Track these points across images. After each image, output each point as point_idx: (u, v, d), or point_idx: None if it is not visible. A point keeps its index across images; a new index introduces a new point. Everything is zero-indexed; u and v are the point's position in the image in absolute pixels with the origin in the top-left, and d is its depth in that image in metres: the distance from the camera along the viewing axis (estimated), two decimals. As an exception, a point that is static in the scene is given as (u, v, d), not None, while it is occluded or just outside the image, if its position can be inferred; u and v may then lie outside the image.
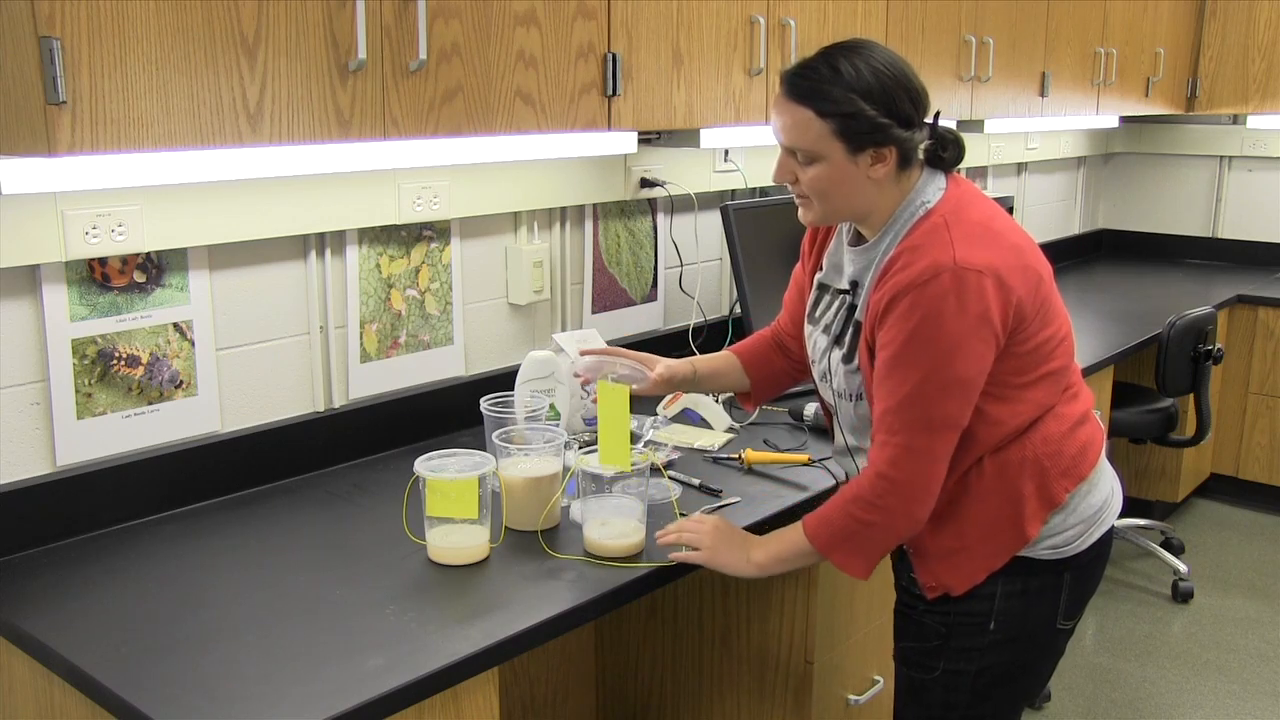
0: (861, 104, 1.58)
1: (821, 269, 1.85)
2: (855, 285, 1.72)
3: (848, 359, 1.73)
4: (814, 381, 1.87)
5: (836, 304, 1.77)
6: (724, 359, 2.04)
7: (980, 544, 1.69)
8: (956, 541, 1.69)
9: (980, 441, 1.65)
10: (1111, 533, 1.79)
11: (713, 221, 2.98)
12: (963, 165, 3.85)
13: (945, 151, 1.68)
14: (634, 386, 1.94)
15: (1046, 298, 1.64)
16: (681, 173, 2.81)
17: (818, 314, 1.82)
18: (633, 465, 1.80)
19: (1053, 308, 1.66)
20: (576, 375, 2.00)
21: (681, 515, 1.90)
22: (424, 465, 1.72)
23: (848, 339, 1.73)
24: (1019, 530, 1.67)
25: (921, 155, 1.69)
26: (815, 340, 1.82)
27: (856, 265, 1.72)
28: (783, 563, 1.73)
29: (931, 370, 1.56)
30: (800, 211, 1.72)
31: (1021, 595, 1.71)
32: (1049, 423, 1.67)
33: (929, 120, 1.67)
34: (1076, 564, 1.72)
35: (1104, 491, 1.75)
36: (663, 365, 1.96)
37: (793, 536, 1.71)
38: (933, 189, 1.66)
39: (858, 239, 1.75)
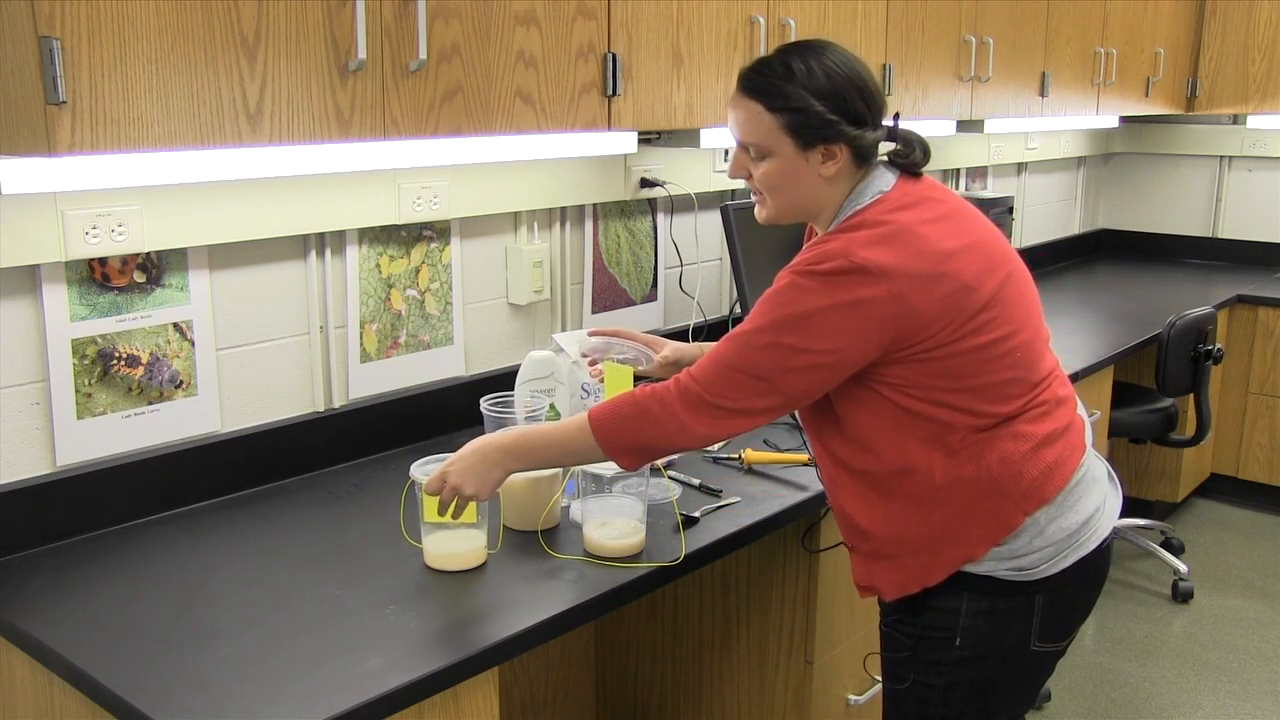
0: (811, 100, 1.59)
1: None
2: None
3: None
4: None
5: None
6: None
7: (918, 555, 1.66)
8: (895, 547, 1.67)
9: (907, 435, 1.61)
10: (1100, 555, 1.71)
11: (713, 221, 2.98)
12: (963, 165, 3.84)
13: (911, 153, 1.67)
14: (639, 368, 1.96)
15: (978, 307, 1.56)
16: (681, 173, 2.82)
17: None
18: None
19: (994, 317, 1.58)
20: (584, 355, 2.01)
21: (681, 516, 1.91)
22: (420, 470, 1.71)
23: None
24: (964, 549, 1.64)
25: (884, 157, 1.68)
26: None
27: None
28: (541, 462, 1.70)
29: (769, 324, 1.56)
30: (756, 208, 1.73)
31: (988, 614, 1.67)
32: (1007, 442, 1.62)
33: (888, 123, 1.67)
34: (1049, 587, 1.66)
35: (1082, 513, 1.67)
36: (669, 348, 1.97)
37: (566, 430, 1.67)
38: (871, 191, 1.64)
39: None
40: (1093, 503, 1.70)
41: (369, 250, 2.21)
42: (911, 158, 1.68)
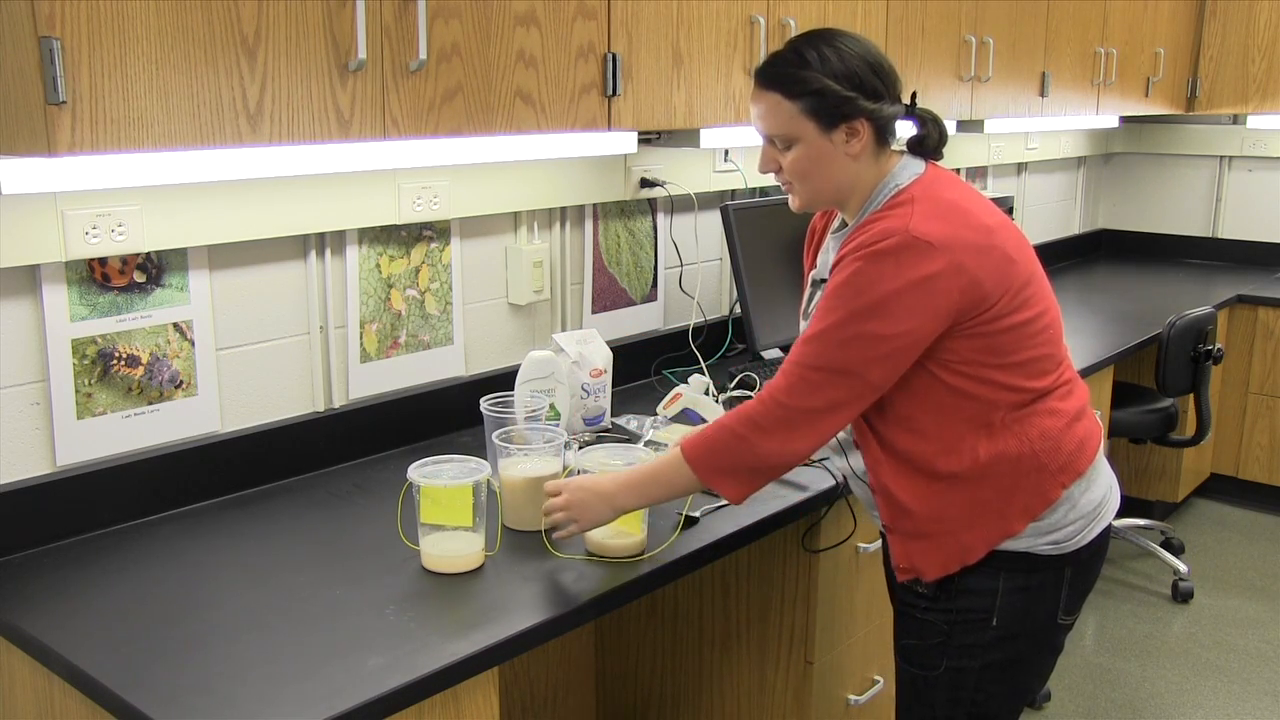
0: (826, 81, 1.63)
1: (815, 267, 1.87)
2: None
3: None
4: None
5: (820, 294, 1.78)
6: None
7: (958, 533, 1.69)
8: (936, 525, 1.70)
9: (952, 415, 1.65)
10: (1109, 530, 1.79)
11: (713, 221, 2.98)
12: (963, 165, 3.84)
13: (924, 130, 1.72)
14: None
15: (1021, 281, 1.64)
16: (681, 173, 2.81)
17: (809, 310, 1.83)
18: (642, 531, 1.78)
19: (1032, 294, 1.66)
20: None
21: (680, 515, 1.91)
22: (418, 471, 1.70)
23: None
24: (1004, 525, 1.68)
25: (903, 143, 1.73)
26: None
27: (836, 251, 1.74)
28: (646, 498, 1.71)
29: (849, 316, 1.58)
30: (789, 199, 1.76)
31: (1023, 591, 1.71)
32: (1046, 419, 1.68)
33: (905, 102, 1.72)
34: (1077, 559, 1.73)
35: (1102, 488, 1.76)
36: None
37: (663, 465, 1.70)
38: (907, 173, 1.69)
39: (841, 226, 1.79)
40: (1106, 479, 1.79)
41: (369, 250, 2.21)
42: (928, 140, 1.73)
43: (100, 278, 1.84)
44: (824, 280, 1.77)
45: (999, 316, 1.61)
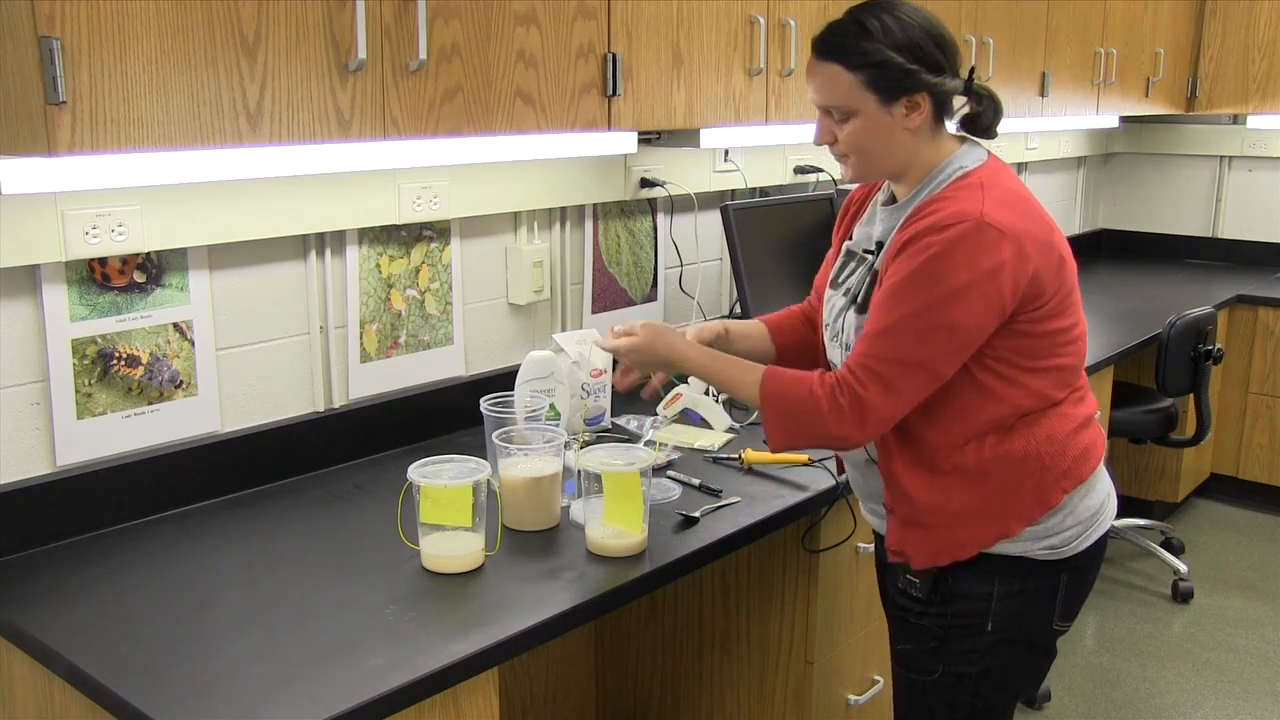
0: (889, 53, 1.59)
1: (851, 238, 1.84)
2: (880, 245, 1.71)
3: (861, 310, 1.71)
4: (824, 345, 1.86)
5: (861, 267, 1.76)
6: (753, 324, 2.01)
7: (954, 528, 1.69)
8: (934, 517, 1.70)
9: (975, 412, 1.65)
10: (1106, 538, 1.78)
11: (713, 221, 2.98)
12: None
13: (979, 108, 1.70)
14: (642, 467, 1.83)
15: (1068, 286, 1.65)
16: (681, 173, 2.81)
17: (841, 279, 1.81)
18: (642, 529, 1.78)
19: (1073, 302, 1.67)
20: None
21: (679, 515, 1.91)
22: (418, 471, 1.70)
23: (862, 294, 1.72)
24: (1001, 525, 1.68)
25: (958, 121, 1.71)
26: (833, 303, 1.81)
27: (885, 225, 1.72)
28: (708, 371, 1.76)
29: (924, 308, 1.56)
30: (841, 169, 1.74)
31: (1019, 595, 1.71)
32: (1055, 421, 1.67)
33: (964, 77, 1.69)
34: (1073, 565, 1.72)
35: (1101, 495, 1.75)
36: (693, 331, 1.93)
37: (740, 365, 1.73)
38: (972, 157, 1.68)
39: (891, 200, 1.76)
40: (1106, 486, 1.78)
41: (369, 250, 2.21)
42: (982, 119, 1.70)
43: (100, 278, 1.84)
44: (868, 251, 1.75)
45: (1046, 317, 1.62)
